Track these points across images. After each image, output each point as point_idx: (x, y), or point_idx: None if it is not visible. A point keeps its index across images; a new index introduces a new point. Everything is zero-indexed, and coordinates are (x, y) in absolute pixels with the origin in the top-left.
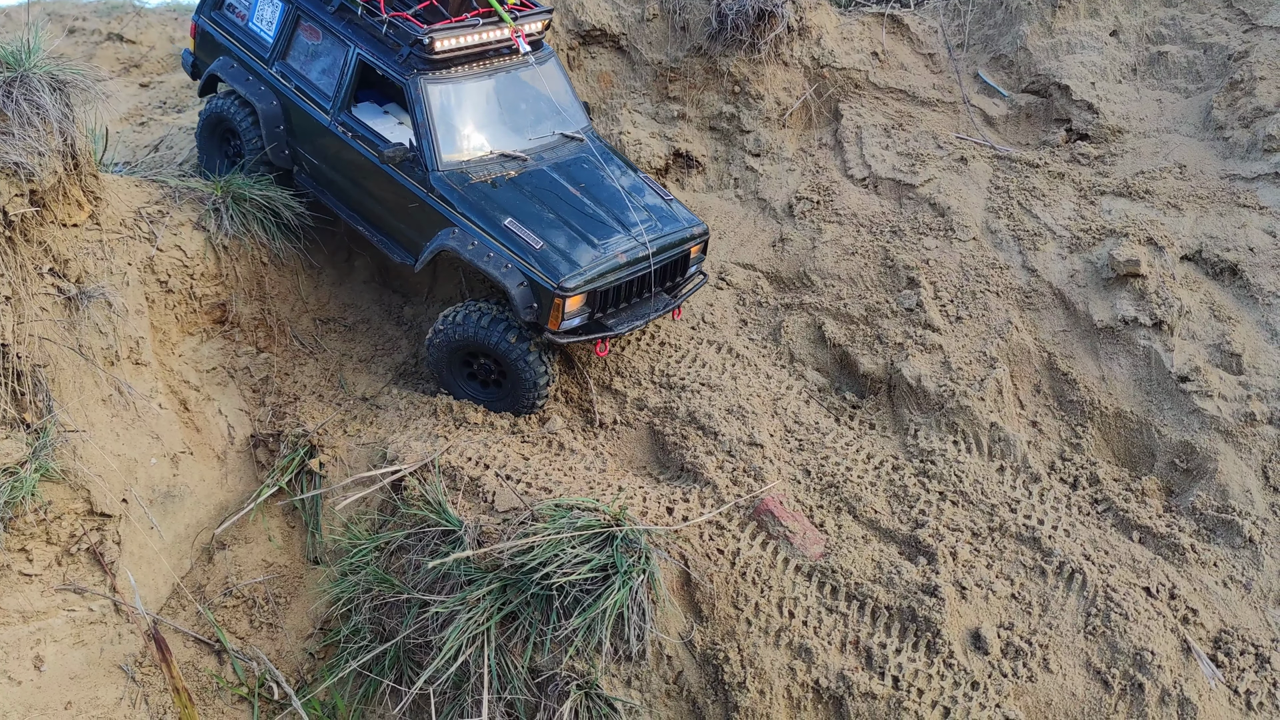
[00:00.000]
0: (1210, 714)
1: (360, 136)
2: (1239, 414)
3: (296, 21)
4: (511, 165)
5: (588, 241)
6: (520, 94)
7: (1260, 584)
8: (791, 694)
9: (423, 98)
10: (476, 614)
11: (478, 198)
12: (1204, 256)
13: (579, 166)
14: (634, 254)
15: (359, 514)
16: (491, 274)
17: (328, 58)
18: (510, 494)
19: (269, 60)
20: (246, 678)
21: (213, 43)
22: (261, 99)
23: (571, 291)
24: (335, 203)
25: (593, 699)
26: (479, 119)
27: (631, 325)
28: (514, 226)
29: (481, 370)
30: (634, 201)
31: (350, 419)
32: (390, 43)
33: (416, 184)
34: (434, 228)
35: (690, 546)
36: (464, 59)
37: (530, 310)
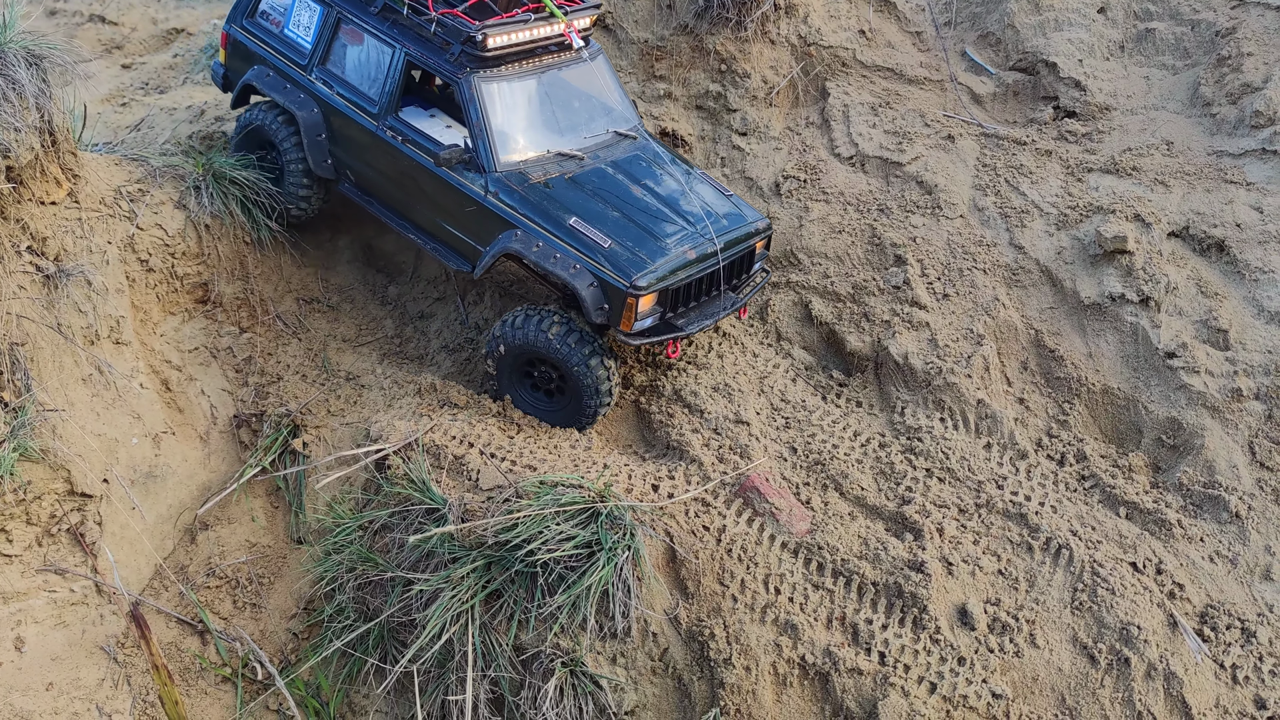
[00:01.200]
0: (1196, 688)
1: (411, 140)
2: (1225, 390)
3: (337, 25)
4: (570, 164)
5: (656, 239)
6: (572, 92)
7: (1246, 559)
8: (777, 670)
9: (477, 96)
10: (460, 592)
11: (539, 198)
12: (1191, 233)
13: (637, 164)
14: (702, 250)
15: (343, 493)
16: (560, 275)
17: (372, 61)
18: (495, 472)
19: (308, 67)
20: (230, 658)
21: (246, 52)
22: (301, 107)
23: (644, 290)
24: (384, 211)
25: (578, 676)
26: (534, 118)
27: (701, 325)
28: (580, 226)
29: (542, 379)
30: (697, 198)
31: (334, 398)
32: (439, 42)
33: (474, 186)
34: (494, 231)
35: (676, 523)
36: (515, 56)
37: (601, 311)
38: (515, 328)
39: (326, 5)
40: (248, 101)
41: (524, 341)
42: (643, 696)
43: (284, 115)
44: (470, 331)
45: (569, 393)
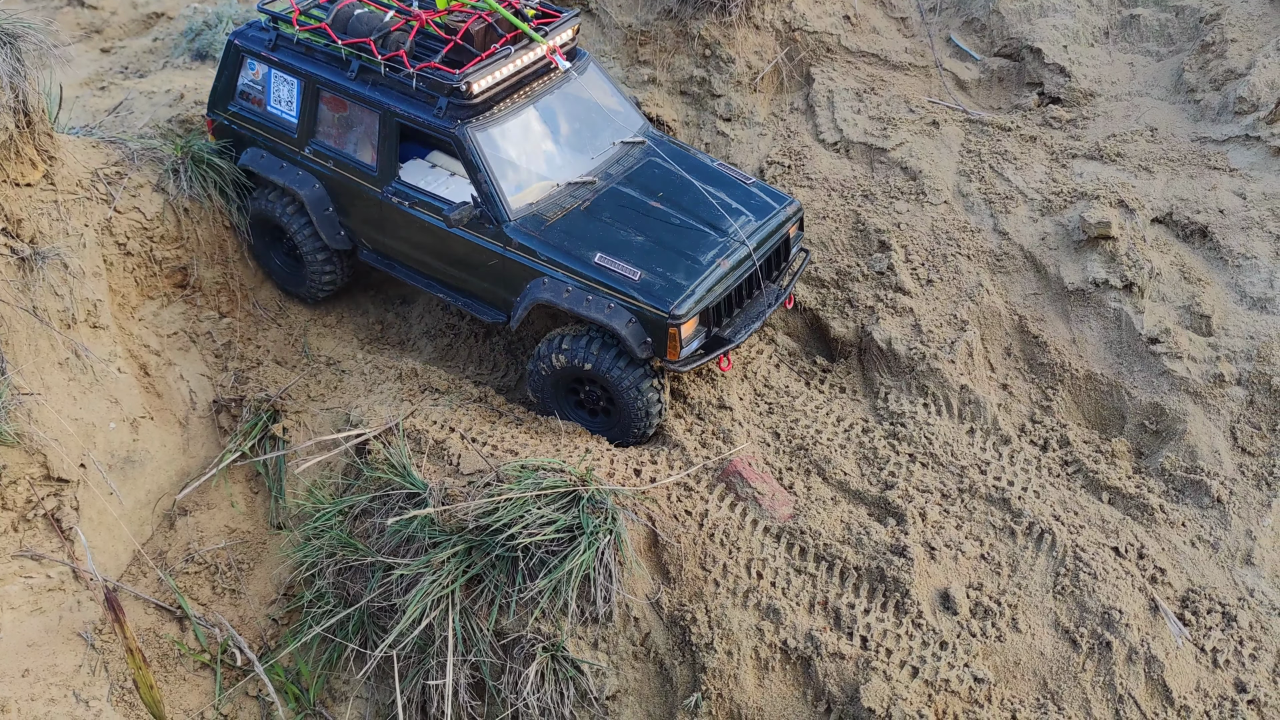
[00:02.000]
0: (1177, 671)
1: (419, 203)
2: (1208, 375)
3: (317, 95)
4: (583, 193)
5: (686, 257)
6: (570, 111)
7: (1227, 543)
8: (759, 655)
9: (475, 147)
10: (441, 577)
11: (559, 239)
12: (1174, 219)
13: (650, 173)
14: (736, 255)
15: (323, 479)
16: (596, 319)
17: (360, 126)
18: (476, 456)
19: (299, 142)
20: (209, 644)
21: (234, 135)
22: (302, 184)
23: (684, 317)
24: (409, 274)
25: (559, 661)
26: (537, 153)
27: (750, 329)
28: (606, 261)
29: (589, 398)
30: (718, 197)
31: (314, 384)
32: (423, 96)
33: (491, 240)
34: (521, 281)
35: (658, 508)
36: (504, 93)
37: (645, 346)
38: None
39: (302, 76)
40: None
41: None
42: (624, 681)
43: (287, 196)
44: (453, 318)
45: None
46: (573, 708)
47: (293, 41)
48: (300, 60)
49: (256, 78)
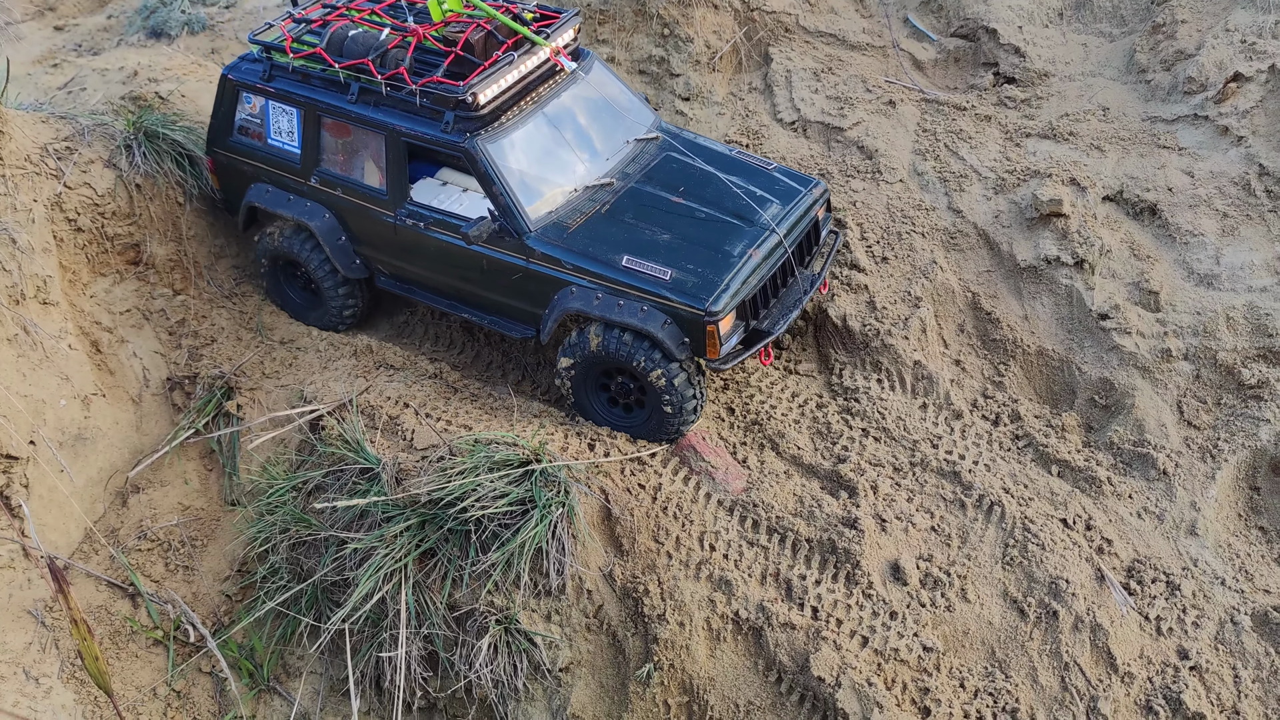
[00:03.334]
0: (1121, 639)
1: (434, 223)
2: (1156, 350)
3: (318, 122)
4: (602, 196)
5: (716, 251)
6: (580, 112)
7: (1172, 515)
8: (711, 625)
9: (487, 159)
10: (394, 551)
11: (583, 245)
12: (1125, 197)
13: (668, 168)
14: (767, 244)
15: (277, 455)
16: (631, 325)
17: (366, 150)
18: (429, 431)
19: (303, 172)
20: (161, 621)
21: (237, 173)
22: (312, 216)
23: (721, 313)
24: (430, 297)
25: (512, 634)
26: (552, 159)
27: (788, 318)
28: (634, 264)
29: (620, 390)
30: (741, 186)
31: (269, 361)
32: (429, 112)
33: (513, 253)
34: (548, 293)
35: (611, 481)
36: (511, 100)
37: (683, 347)
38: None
39: (301, 105)
40: (255, 222)
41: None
42: (577, 653)
43: (298, 229)
44: None
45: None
46: (526, 680)
47: (288, 70)
48: (298, 88)
49: (254, 111)
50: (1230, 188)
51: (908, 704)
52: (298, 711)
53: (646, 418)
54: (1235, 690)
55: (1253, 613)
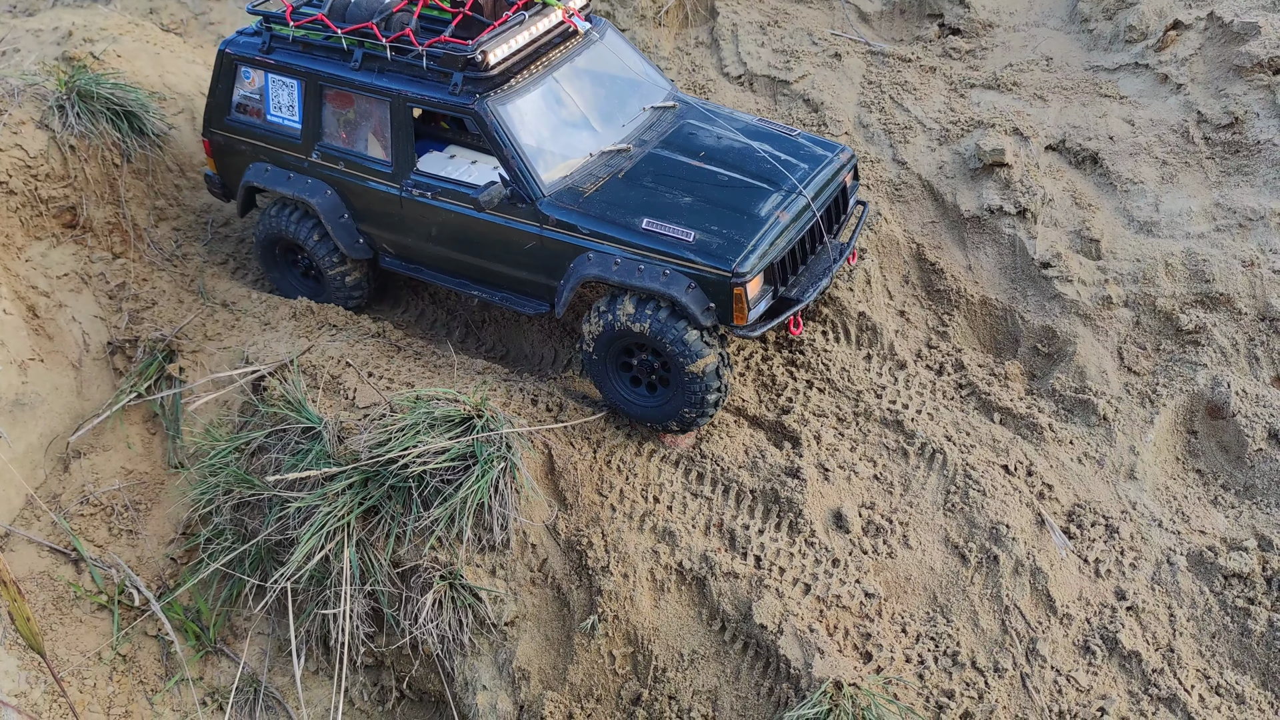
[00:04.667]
0: (1060, 582)
1: (442, 193)
2: (1096, 298)
3: (320, 94)
4: (618, 162)
5: (741, 212)
6: (594, 78)
7: (1112, 459)
8: (655, 576)
9: (498, 121)
10: (337, 509)
11: (600, 209)
12: (1067, 146)
13: (686, 135)
14: (794, 207)
15: (220, 417)
16: (652, 289)
17: (369, 120)
18: (371, 390)
19: (304, 148)
20: (105, 585)
21: (235, 153)
22: (313, 193)
23: (749, 275)
24: (436, 275)
25: (456, 589)
26: (565, 123)
27: (818, 286)
28: (655, 226)
29: (643, 368)
30: (763, 150)
31: (210, 323)
32: (436, 75)
33: (526, 220)
34: (563, 261)
35: (555, 435)
36: (522, 64)
37: (709, 313)
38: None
39: (302, 76)
40: (254, 204)
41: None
42: (522, 607)
43: (298, 209)
44: None
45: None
46: (471, 634)
47: (288, 41)
48: (298, 59)
49: (253, 87)
50: (1169, 135)
51: (849, 649)
52: (246, 672)
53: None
54: (1170, 629)
55: (1188, 553)
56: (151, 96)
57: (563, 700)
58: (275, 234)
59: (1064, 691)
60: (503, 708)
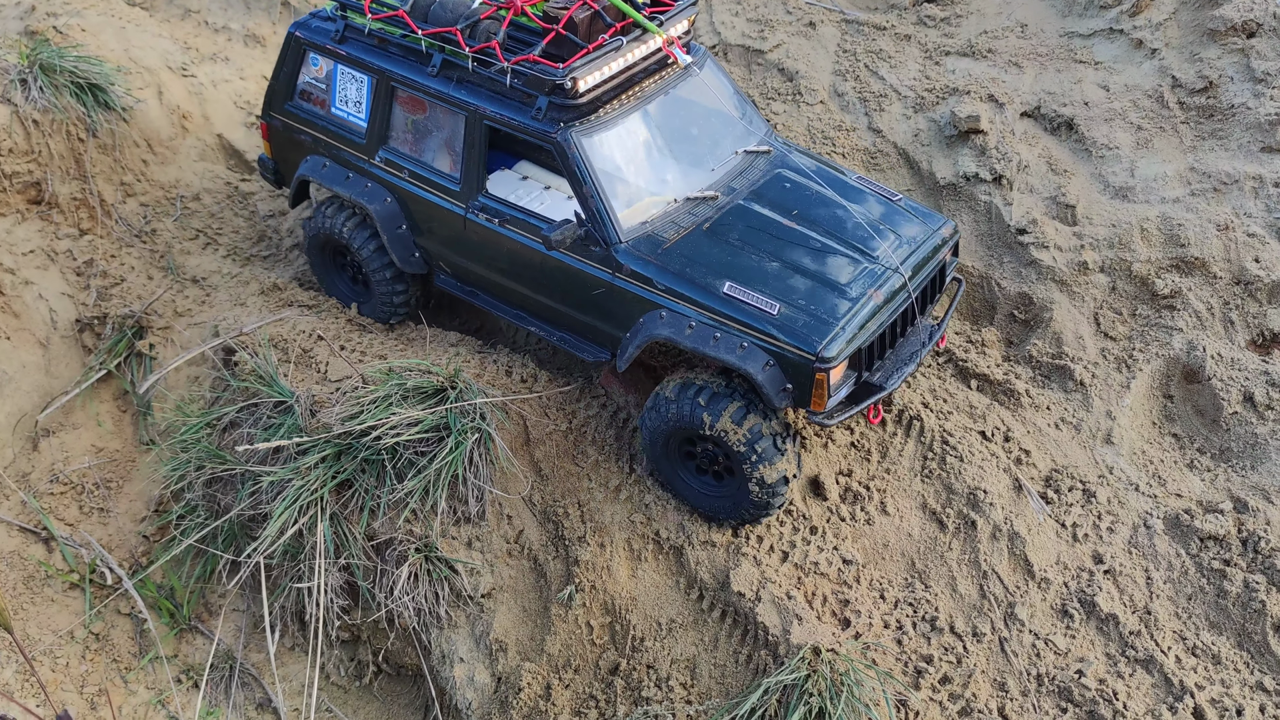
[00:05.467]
0: (1038, 546)
1: (510, 220)
2: (1073, 263)
3: (390, 95)
4: (704, 210)
5: (832, 288)
6: (685, 115)
7: (1089, 424)
8: (632, 546)
9: (580, 155)
10: (309, 482)
11: (680, 265)
12: (1042, 112)
13: (780, 188)
14: (890, 286)
15: (191, 394)
16: (726, 361)
17: (441, 131)
18: (343, 363)
19: (368, 149)
20: (77, 564)
21: (293, 142)
22: (372, 198)
23: (834, 360)
24: (493, 303)
25: (432, 562)
26: (651, 163)
27: (904, 374)
28: (737, 292)
29: (705, 457)
30: (862, 215)
31: (181, 299)
32: (519, 95)
33: (598, 265)
34: (632, 313)
35: (529, 406)
36: (612, 93)
37: (784, 395)
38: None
39: (374, 73)
40: (307, 196)
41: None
42: (499, 578)
43: (353, 211)
44: None
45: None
46: (448, 607)
47: (364, 33)
48: (372, 55)
49: (320, 75)
50: (1144, 100)
51: (828, 616)
52: (221, 649)
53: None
54: (1147, 591)
55: (1164, 516)
56: (117, 71)
57: (541, 671)
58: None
59: (1042, 655)
60: (480, 680)
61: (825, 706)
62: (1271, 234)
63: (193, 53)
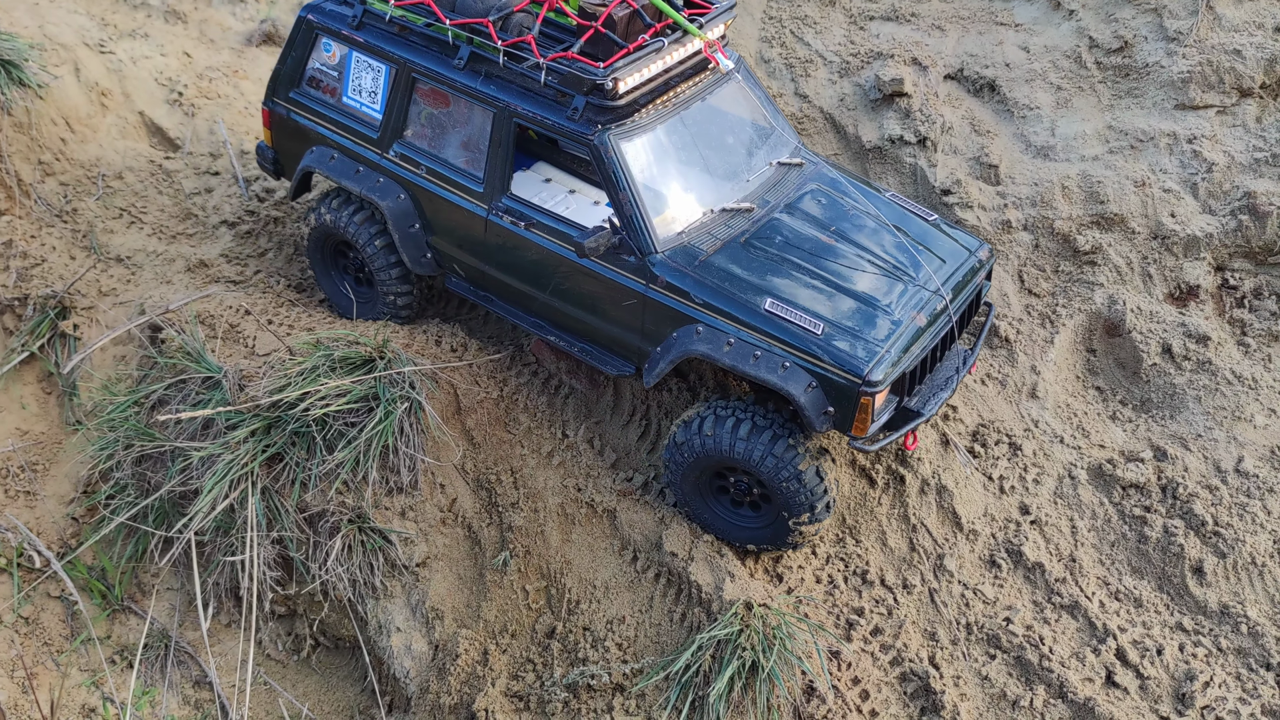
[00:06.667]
0: (966, 499)
1: (536, 225)
2: (997, 222)
3: (410, 87)
4: (739, 222)
5: (875, 308)
6: (720, 122)
7: (1014, 379)
8: (566, 511)
9: (618, 159)
10: (240, 456)
11: (718, 279)
12: (965, 74)
13: (815, 202)
14: (931, 309)
15: (118, 373)
16: (767, 380)
17: (465, 127)
18: (271, 336)
19: (381, 142)
20: (3, 548)
21: (297, 130)
22: (384, 194)
23: (880, 385)
24: (509, 310)
25: (366, 532)
26: (688, 171)
27: (940, 399)
28: (778, 309)
29: (737, 488)
30: (902, 234)
31: (105, 279)
32: (553, 94)
33: (631, 276)
34: (665, 327)
35: (460, 375)
36: (649, 95)
37: (825, 418)
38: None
39: (394, 63)
40: (308, 189)
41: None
42: (433, 547)
43: (360, 207)
44: (254, 202)
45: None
46: (383, 577)
47: (384, 20)
48: (392, 43)
49: (332, 61)
50: (1063, 61)
51: (760, 573)
52: (155, 628)
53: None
54: (1072, 540)
55: (1088, 467)
56: (30, 48)
57: (477, 637)
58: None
59: (970, 604)
60: (417, 648)
61: (758, 660)
62: (1186, 189)
63: (111, 29)
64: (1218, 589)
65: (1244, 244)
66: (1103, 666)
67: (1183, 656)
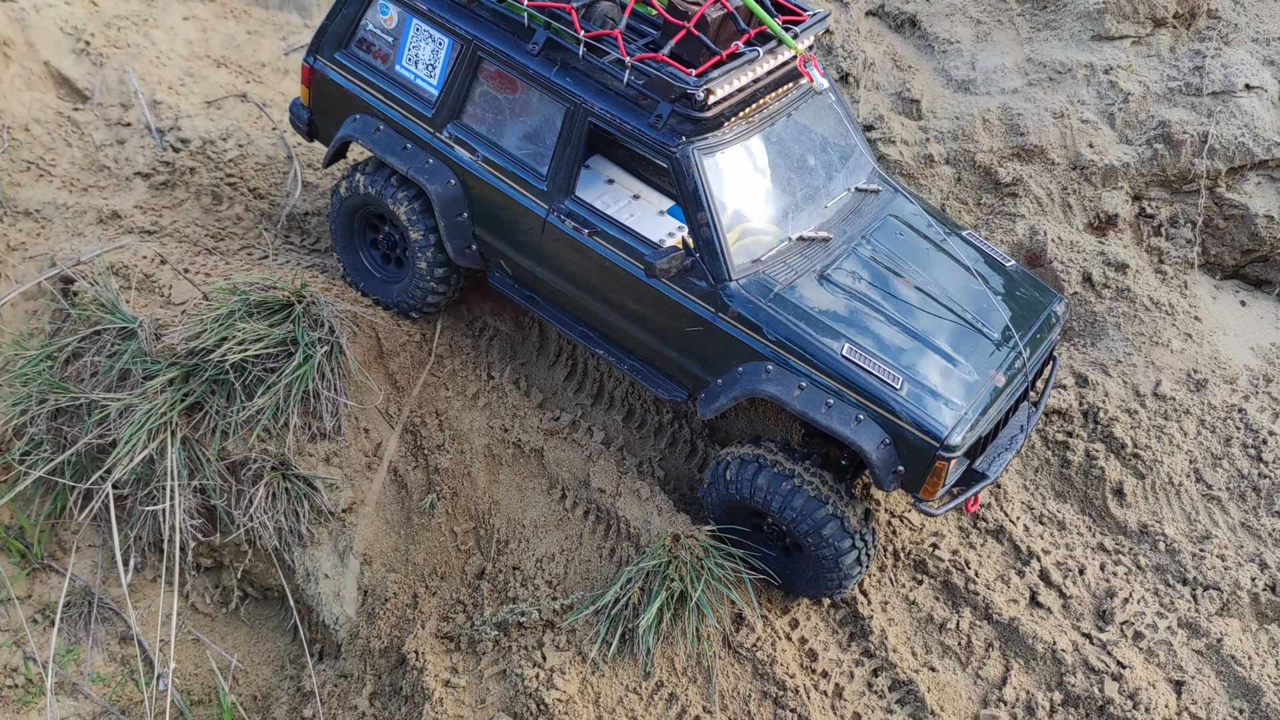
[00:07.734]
0: None
1: (600, 234)
2: (919, 156)
3: (475, 65)
4: (816, 254)
5: (956, 365)
6: (804, 141)
7: None
8: (493, 451)
9: (702, 176)
10: (158, 406)
11: (793, 316)
12: (886, 10)
13: (893, 236)
14: (1010, 368)
15: (30, 328)
16: (838, 432)
17: (532, 118)
18: (188, 285)
19: (435, 121)
20: None
21: (340, 94)
22: (433, 177)
23: (959, 449)
24: (556, 316)
25: (289, 480)
26: (769, 193)
27: (1004, 461)
28: (857, 356)
29: (774, 532)
30: (980, 280)
31: (14, 233)
32: (636, 96)
33: (700, 302)
34: (730, 360)
35: (382, 318)
36: (734, 108)
37: (894, 476)
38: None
39: (459, 37)
40: (343, 157)
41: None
42: (359, 492)
43: (405, 185)
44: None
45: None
46: (309, 525)
47: None
48: (459, 15)
49: (388, 25)
50: None
51: (687, 508)
52: (78, 585)
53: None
54: None
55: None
56: None
57: (406, 581)
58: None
59: (898, 531)
60: (346, 594)
61: (686, 590)
62: (1104, 120)
63: None
64: (1137, 509)
65: (1159, 173)
66: (1027, 588)
67: (1104, 575)
